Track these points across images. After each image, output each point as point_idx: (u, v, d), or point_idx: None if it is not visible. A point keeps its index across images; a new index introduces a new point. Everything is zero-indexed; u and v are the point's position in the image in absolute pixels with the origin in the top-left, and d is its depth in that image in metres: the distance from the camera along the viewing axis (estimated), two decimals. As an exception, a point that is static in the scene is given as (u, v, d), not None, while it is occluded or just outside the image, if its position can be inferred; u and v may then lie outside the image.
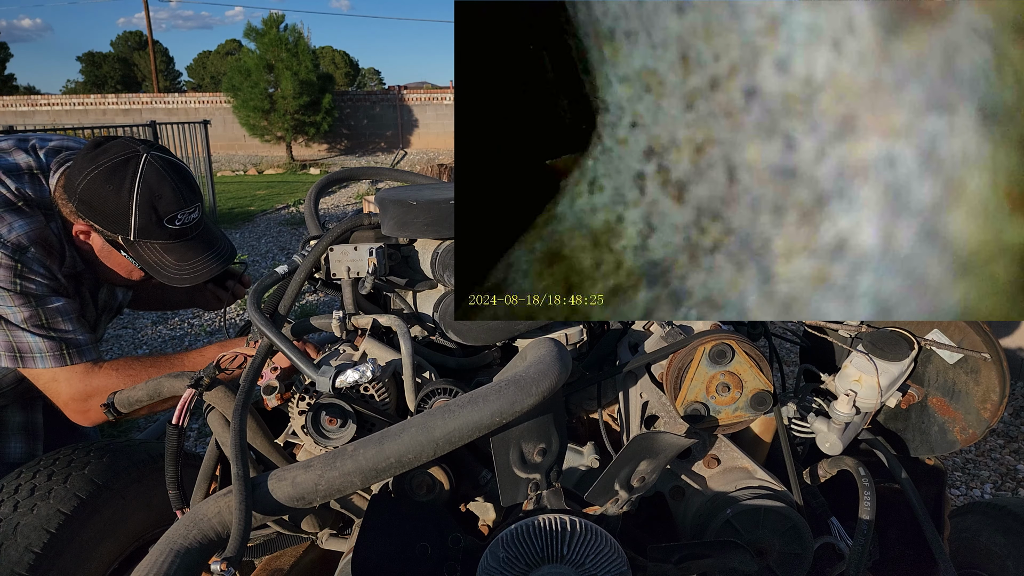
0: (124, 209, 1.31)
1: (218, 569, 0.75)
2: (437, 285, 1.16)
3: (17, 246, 1.28)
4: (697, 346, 1.02)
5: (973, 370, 1.13)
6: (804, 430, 1.24)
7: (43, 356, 1.32)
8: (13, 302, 1.29)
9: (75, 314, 1.37)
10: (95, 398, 1.33)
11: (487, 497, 1.07)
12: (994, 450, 3.17)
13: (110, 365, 1.38)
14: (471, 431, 0.81)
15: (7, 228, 1.28)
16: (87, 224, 1.35)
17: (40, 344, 1.32)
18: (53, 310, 1.33)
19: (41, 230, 1.33)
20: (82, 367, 1.35)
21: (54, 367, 1.33)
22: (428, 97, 20.31)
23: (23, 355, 1.32)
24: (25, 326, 1.30)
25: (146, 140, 1.41)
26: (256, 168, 17.62)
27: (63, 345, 1.33)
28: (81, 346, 1.36)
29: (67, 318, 1.35)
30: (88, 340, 1.37)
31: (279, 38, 17.61)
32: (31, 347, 1.31)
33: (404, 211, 1.10)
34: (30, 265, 1.30)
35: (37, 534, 1.18)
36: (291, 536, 1.17)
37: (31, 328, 1.31)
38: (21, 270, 1.28)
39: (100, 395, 1.31)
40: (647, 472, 0.89)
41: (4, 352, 1.31)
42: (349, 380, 0.98)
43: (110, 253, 1.40)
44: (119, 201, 1.31)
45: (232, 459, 0.86)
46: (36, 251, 1.31)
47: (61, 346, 1.33)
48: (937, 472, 1.29)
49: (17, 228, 1.29)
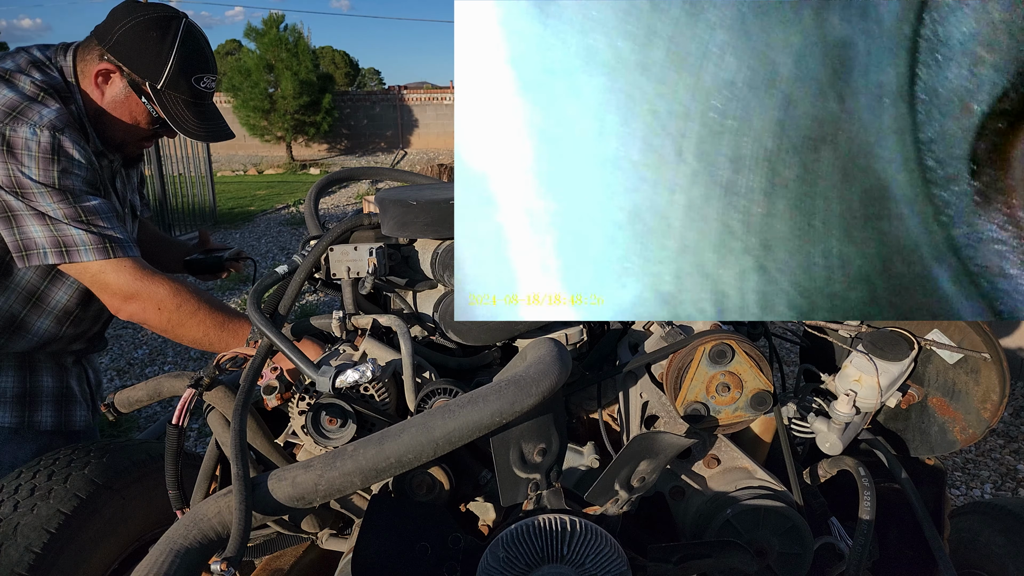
0: (164, 57, 1.42)
1: (218, 569, 0.75)
2: (437, 285, 1.16)
3: (53, 129, 1.32)
4: (697, 346, 1.02)
5: (973, 370, 1.13)
6: (804, 430, 1.24)
7: (87, 249, 1.35)
8: (52, 199, 1.32)
9: (112, 213, 1.41)
10: (139, 300, 1.37)
11: (487, 497, 1.07)
12: (994, 450, 3.17)
13: (166, 279, 1.41)
14: (471, 431, 0.81)
15: (38, 115, 1.32)
16: (115, 65, 1.43)
17: (84, 237, 1.34)
18: (91, 208, 1.36)
19: (67, 114, 1.38)
20: (130, 262, 1.39)
21: (99, 259, 1.36)
22: (428, 97, 20.31)
23: (68, 249, 1.34)
24: (65, 221, 1.33)
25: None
26: (256, 168, 17.63)
27: (105, 240, 1.36)
28: (123, 242, 1.39)
29: (105, 216, 1.38)
30: (128, 238, 1.41)
31: (279, 38, 17.61)
32: (75, 240, 1.34)
33: (404, 211, 1.10)
34: (67, 151, 1.34)
35: (37, 534, 1.18)
36: (291, 536, 1.17)
37: (71, 224, 1.34)
38: (59, 160, 1.33)
39: (143, 298, 1.37)
40: (647, 472, 0.89)
41: (51, 248, 1.34)
42: (349, 380, 0.98)
43: (128, 98, 1.47)
44: (161, 48, 1.42)
45: (232, 459, 0.86)
46: (70, 133, 1.35)
47: (104, 240, 1.36)
48: (937, 472, 1.29)
49: (47, 114, 1.34)
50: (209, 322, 1.39)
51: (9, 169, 1.30)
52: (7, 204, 1.32)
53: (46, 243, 1.33)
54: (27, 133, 1.30)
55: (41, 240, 1.33)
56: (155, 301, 1.37)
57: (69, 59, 1.45)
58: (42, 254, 1.34)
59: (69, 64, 1.45)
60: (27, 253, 1.34)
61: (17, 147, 1.30)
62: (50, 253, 1.34)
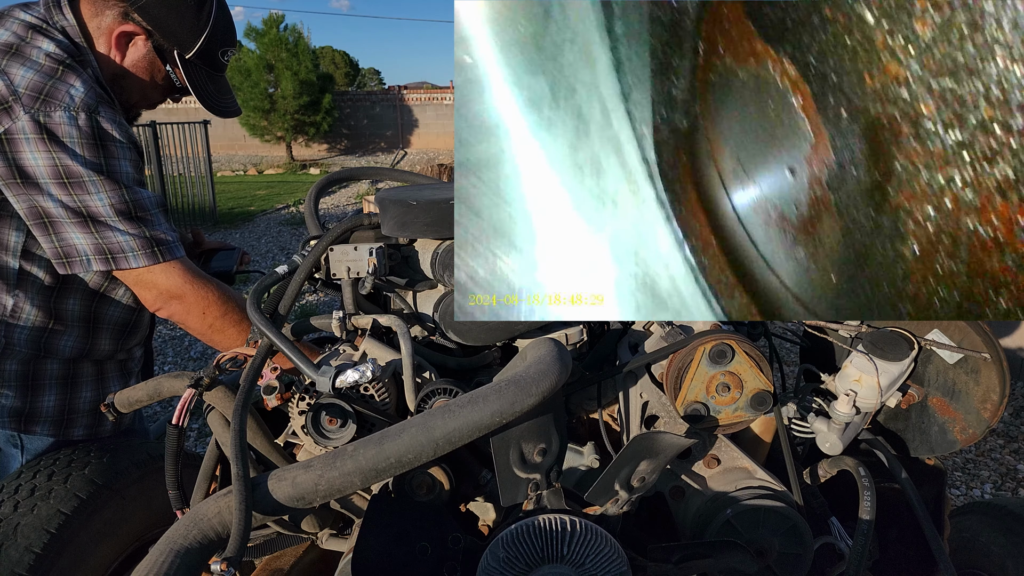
0: (200, 26, 1.37)
1: (218, 569, 0.75)
2: (437, 285, 1.16)
3: (89, 110, 1.24)
4: (697, 346, 1.02)
5: (973, 370, 1.13)
6: (804, 430, 1.24)
7: (135, 255, 1.28)
8: (104, 188, 1.24)
9: (159, 207, 1.33)
10: (184, 301, 1.32)
11: (487, 497, 1.07)
12: (994, 450, 3.17)
13: (215, 284, 1.36)
14: (471, 431, 0.81)
15: (68, 97, 1.22)
16: (142, 28, 1.35)
17: (131, 242, 1.27)
18: (140, 202, 1.29)
19: (94, 88, 1.29)
20: (179, 263, 1.33)
21: (148, 264, 1.29)
22: (428, 97, 20.31)
23: (115, 256, 1.27)
24: (114, 219, 1.25)
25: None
26: (256, 168, 17.63)
27: (152, 243, 1.29)
28: (171, 244, 1.32)
29: (154, 212, 1.31)
30: (176, 238, 1.35)
31: (279, 38, 17.62)
32: (121, 246, 1.27)
33: (404, 211, 1.10)
34: (109, 132, 1.26)
35: (37, 534, 1.18)
36: (291, 536, 1.17)
37: (119, 222, 1.26)
38: (103, 143, 1.25)
39: (189, 300, 1.32)
40: (647, 472, 0.89)
41: (95, 255, 1.26)
42: (349, 380, 0.98)
43: (151, 63, 1.40)
44: (198, 18, 1.36)
45: (232, 459, 0.86)
46: (105, 110, 1.27)
47: (151, 243, 1.29)
48: (937, 472, 1.29)
49: (76, 93, 1.24)
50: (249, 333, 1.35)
51: (55, 157, 1.20)
52: (44, 210, 1.23)
53: (89, 249, 1.26)
54: (64, 118, 1.21)
55: (83, 247, 1.26)
56: (201, 305, 1.32)
57: (69, 16, 1.33)
58: (85, 261, 1.26)
59: (72, 22, 1.33)
60: (68, 260, 1.27)
61: (59, 133, 1.20)
62: (94, 260, 1.26)
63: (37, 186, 1.22)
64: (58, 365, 1.44)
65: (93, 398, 1.49)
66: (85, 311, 1.43)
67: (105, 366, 1.52)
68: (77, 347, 1.44)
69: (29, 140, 1.20)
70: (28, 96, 1.20)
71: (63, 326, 1.41)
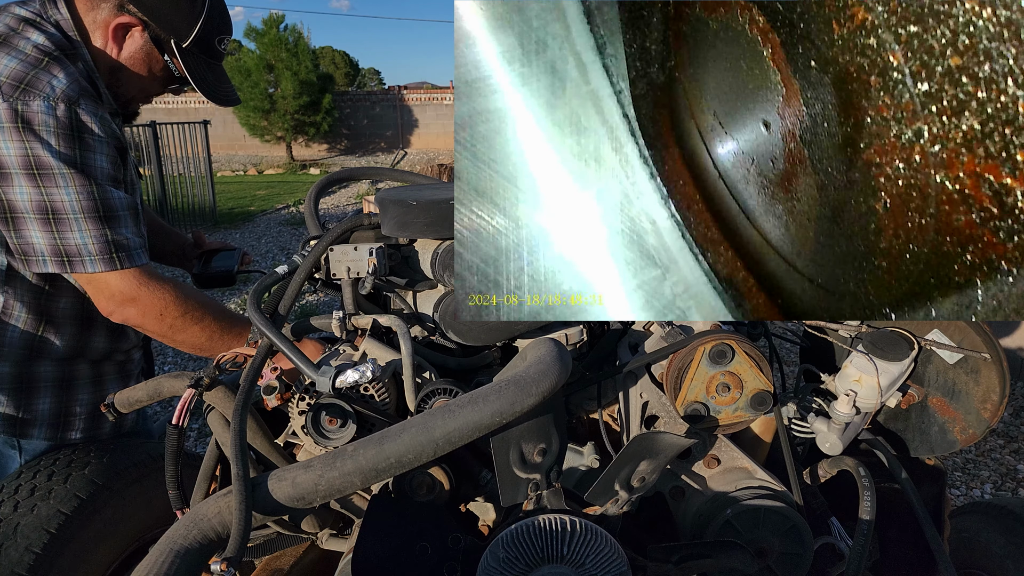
0: (196, 13, 1.36)
1: (218, 569, 0.75)
2: (437, 285, 1.16)
3: (69, 102, 1.22)
4: (697, 346, 1.02)
5: (973, 370, 1.13)
6: (804, 430, 1.24)
7: (92, 260, 1.24)
8: (74, 183, 1.21)
9: (130, 209, 1.30)
10: (138, 305, 1.29)
11: (487, 497, 1.07)
12: (994, 450, 3.17)
13: (170, 285, 1.32)
14: (471, 431, 0.81)
15: (49, 87, 1.21)
16: (137, 19, 1.35)
17: (90, 246, 1.24)
18: (110, 203, 1.25)
19: (78, 80, 1.27)
20: (134, 271, 1.29)
21: (104, 271, 1.26)
22: (428, 97, 20.31)
23: (71, 259, 1.24)
24: (78, 216, 1.22)
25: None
26: (256, 168, 17.63)
27: (112, 247, 1.25)
28: (132, 249, 1.29)
29: (122, 213, 1.27)
30: (140, 244, 1.31)
31: (279, 38, 17.62)
32: (79, 249, 1.23)
33: (404, 211, 1.10)
34: (87, 125, 1.24)
35: (37, 534, 1.18)
36: (291, 536, 1.17)
37: (83, 221, 1.22)
38: (80, 136, 1.23)
39: (143, 304, 1.28)
40: (647, 472, 0.89)
41: (51, 257, 1.23)
42: (349, 380, 0.98)
43: (148, 54, 1.39)
44: (193, 7, 1.36)
45: (232, 459, 0.86)
46: (86, 103, 1.25)
47: (111, 248, 1.25)
48: (937, 472, 1.29)
49: (58, 84, 1.22)
50: (214, 327, 1.34)
51: (27, 147, 1.18)
52: (10, 203, 1.21)
53: (46, 250, 1.23)
54: (42, 107, 1.19)
55: (40, 246, 1.23)
56: (158, 307, 1.30)
57: (64, 10, 1.32)
58: (41, 261, 1.24)
59: (66, 16, 1.32)
60: (26, 259, 1.25)
61: (34, 122, 1.18)
62: (50, 261, 1.24)
63: (7, 176, 1.20)
64: (52, 366, 1.42)
65: (90, 400, 1.48)
66: (77, 308, 1.42)
67: (102, 367, 1.51)
68: (70, 346, 1.42)
69: (4, 128, 1.18)
70: (8, 84, 1.19)
71: (55, 325, 1.39)
